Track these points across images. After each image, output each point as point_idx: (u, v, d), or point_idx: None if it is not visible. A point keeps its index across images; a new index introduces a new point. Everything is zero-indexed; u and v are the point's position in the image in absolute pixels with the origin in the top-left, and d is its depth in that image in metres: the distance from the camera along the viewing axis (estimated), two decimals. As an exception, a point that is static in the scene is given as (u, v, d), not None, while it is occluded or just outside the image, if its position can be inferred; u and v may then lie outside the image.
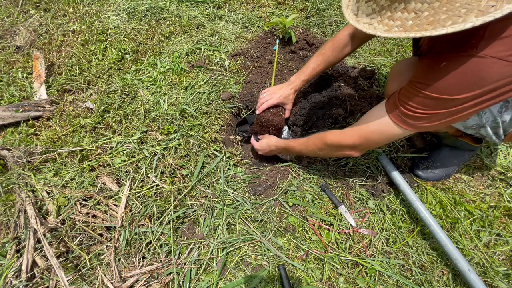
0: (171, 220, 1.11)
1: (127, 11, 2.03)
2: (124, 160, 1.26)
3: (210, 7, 2.13)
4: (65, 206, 1.13)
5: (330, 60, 1.23)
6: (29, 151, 1.28)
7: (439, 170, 1.20)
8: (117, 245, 1.06)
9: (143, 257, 1.05)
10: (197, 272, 1.01)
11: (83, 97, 1.57)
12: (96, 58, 1.75)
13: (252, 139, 1.33)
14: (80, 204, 1.15)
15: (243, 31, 1.93)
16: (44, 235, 1.05)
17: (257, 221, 1.12)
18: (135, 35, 1.89)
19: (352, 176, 1.23)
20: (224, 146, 1.36)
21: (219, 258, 1.04)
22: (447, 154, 1.20)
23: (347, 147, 0.97)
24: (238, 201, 1.17)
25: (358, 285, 0.98)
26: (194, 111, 1.45)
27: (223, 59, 1.72)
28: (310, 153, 1.12)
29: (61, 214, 1.12)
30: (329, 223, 1.11)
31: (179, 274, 1.00)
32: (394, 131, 0.83)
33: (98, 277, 1.00)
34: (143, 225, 1.11)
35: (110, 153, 1.29)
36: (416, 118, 0.77)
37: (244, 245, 1.07)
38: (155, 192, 1.19)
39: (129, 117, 1.43)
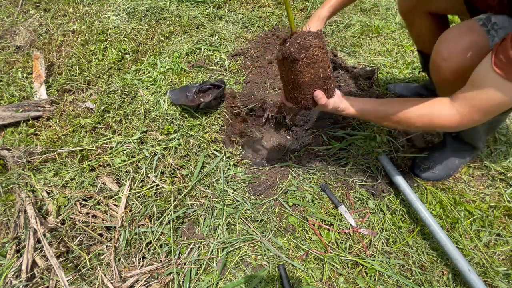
0: (171, 220, 1.11)
1: (127, 11, 2.03)
2: (124, 160, 1.26)
3: (210, 7, 2.13)
4: (65, 206, 1.13)
5: None
6: (29, 151, 1.28)
7: (440, 170, 1.20)
8: (117, 245, 1.06)
9: (143, 257, 1.05)
10: (197, 272, 1.01)
11: (83, 97, 1.57)
12: (96, 58, 1.75)
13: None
14: (80, 204, 1.15)
15: (243, 31, 1.93)
16: (44, 235, 1.05)
17: (257, 221, 1.12)
18: (135, 35, 1.89)
19: (352, 176, 1.23)
20: (224, 146, 1.36)
21: (219, 258, 1.04)
22: (449, 155, 1.20)
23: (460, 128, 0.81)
24: (238, 201, 1.17)
25: (358, 285, 0.98)
26: (194, 111, 1.45)
27: (223, 59, 1.72)
28: (390, 125, 0.90)
29: (61, 214, 1.12)
30: (329, 223, 1.11)
31: (179, 274, 1.00)
32: None
33: (98, 277, 1.00)
34: (143, 225, 1.11)
35: (110, 153, 1.29)
36: None
37: (244, 245, 1.07)
38: (155, 192, 1.19)
39: (129, 117, 1.44)
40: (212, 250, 1.05)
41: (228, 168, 1.27)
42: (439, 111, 0.80)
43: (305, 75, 0.79)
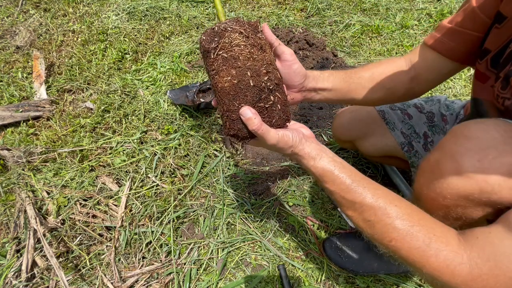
0: (171, 220, 1.11)
1: (127, 11, 2.03)
2: (124, 160, 1.26)
3: (210, 7, 2.13)
4: (65, 206, 1.13)
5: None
6: (29, 151, 1.28)
7: (351, 263, 0.98)
8: (117, 245, 1.06)
9: (143, 257, 1.05)
10: (197, 272, 1.01)
11: (83, 97, 1.57)
12: (96, 58, 1.75)
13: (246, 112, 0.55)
14: (80, 204, 1.15)
15: (243, 31, 1.93)
16: (44, 235, 1.05)
17: (257, 221, 1.13)
18: (135, 35, 1.89)
19: (352, 176, 1.23)
20: (224, 146, 1.36)
21: (219, 258, 1.04)
22: (369, 253, 0.98)
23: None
24: (238, 201, 1.17)
25: (358, 285, 0.98)
26: (194, 111, 1.45)
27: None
28: (356, 221, 0.55)
29: (61, 214, 1.12)
30: (328, 223, 1.11)
31: (179, 274, 1.00)
32: None
33: (98, 277, 1.00)
34: (143, 225, 1.11)
35: (110, 153, 1.29)
36: None
37: (244, 245, 1.07)
38: (155, 192, 1.19)
39: (129, 117, 1.44)
40: (212, 250, 1.05)
41: (228, 168, 1.27)
42: (438, 247, 0.46)
43: (222, 77, 0.53)
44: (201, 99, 1.42)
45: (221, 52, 0.52)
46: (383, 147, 0.99)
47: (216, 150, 1.32)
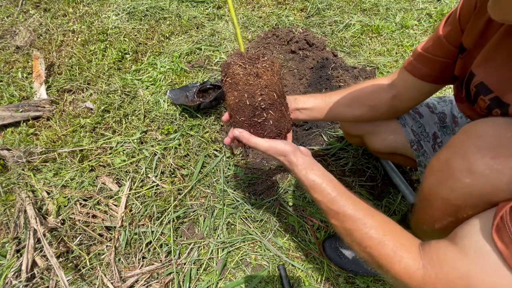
0: (171, 220, 1.11)
1: (127, 11, 2.03)
2: (124, 160, 1.26)
3: (210, 7, 2.13)
4: (65, 206, 1.13)
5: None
6: (29, 151, 1.28)
7: (349, 262, 0.99)
8: (117, 245, 1.06)
9: (143, 257, 1.05)
10: (197, 272, 1.01)
11: (83, 97, 1.57)
12: (96, 58, 1.75)
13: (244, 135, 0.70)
14: (80, 204, 1.15)
15: (243, 31, 1.93)
16: (44, 235, 1.05)
17: (257, 221, 1.12)
18: (135, 35, 1.89)
19: (352, 176, 1.23)
20: (224, 146, 1.36)
21: (219, 258, 1.04)
22: None
23: None
24: (238, 201, 1.17)
25: (358, 285, 0.98)
26: (194, 111, 1.45)
27: (223, 59, 1.72)
28: (339, 230, 0.62)
29: (61, 214, 1.12)
30: (328, 223, 1.11)
31: (179, 274, 1.00)
32: None
33: (98, 277, 1.00)
34: (143, 225, 1.11)
35: (110, 153, 1.29)
36: None
37: (244, 245, 1.07)
38: (155, 192, 1.19)
39: (129, 117, 1.44)
40: (212, 250, 1.05)
41: (228, 168, 1.27)
42: (402, 255, 0.53)
43: (229, 97, 0.70)
44: (201, 99, 1.42)
45: (228, 78, 0.69)
46: (392, 144, 0.98)
47: (216, 150, 1.32)
